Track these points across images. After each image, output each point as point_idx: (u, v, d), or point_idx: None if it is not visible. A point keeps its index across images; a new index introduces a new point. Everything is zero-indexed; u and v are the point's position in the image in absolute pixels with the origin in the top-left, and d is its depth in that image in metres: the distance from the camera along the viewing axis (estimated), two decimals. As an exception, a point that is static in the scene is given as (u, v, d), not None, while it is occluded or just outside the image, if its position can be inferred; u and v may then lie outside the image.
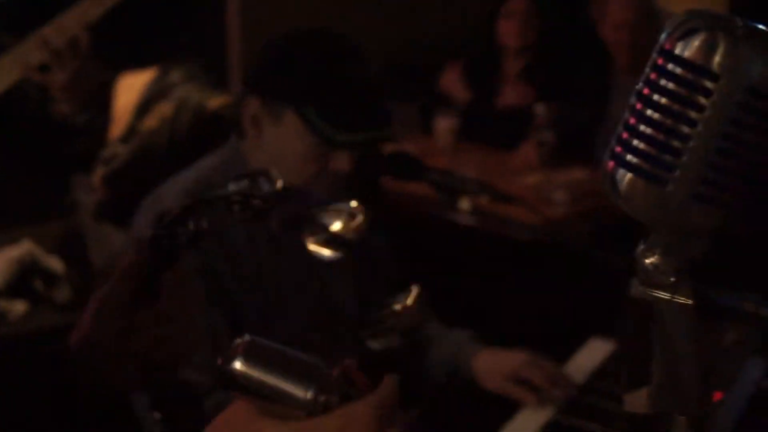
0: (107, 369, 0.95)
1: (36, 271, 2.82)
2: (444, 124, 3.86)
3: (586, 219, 3.21)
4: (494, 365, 2.10)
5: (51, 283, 2.82)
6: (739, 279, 0.89)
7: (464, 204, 1.94)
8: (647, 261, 0.83)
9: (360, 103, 1.88)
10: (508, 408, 2.03)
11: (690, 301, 0.82)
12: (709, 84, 0.75)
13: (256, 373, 0.75)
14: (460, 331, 2.21)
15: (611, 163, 0.79)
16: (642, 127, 0.77)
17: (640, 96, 0.78)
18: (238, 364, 0.75)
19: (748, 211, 0.77)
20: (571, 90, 3.89)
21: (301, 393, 0.75)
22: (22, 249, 2.81)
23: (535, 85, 4.04)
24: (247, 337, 0.77)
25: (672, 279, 0.82)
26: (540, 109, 3.60)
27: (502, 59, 4.19)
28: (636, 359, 0.86)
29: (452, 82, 4.20)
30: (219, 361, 0.75)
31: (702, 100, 0.75)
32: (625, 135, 0.78)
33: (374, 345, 1.65)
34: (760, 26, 0.76)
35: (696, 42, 0.75)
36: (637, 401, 0.86)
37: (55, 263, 2.88)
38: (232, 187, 0.99)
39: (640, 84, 0.78)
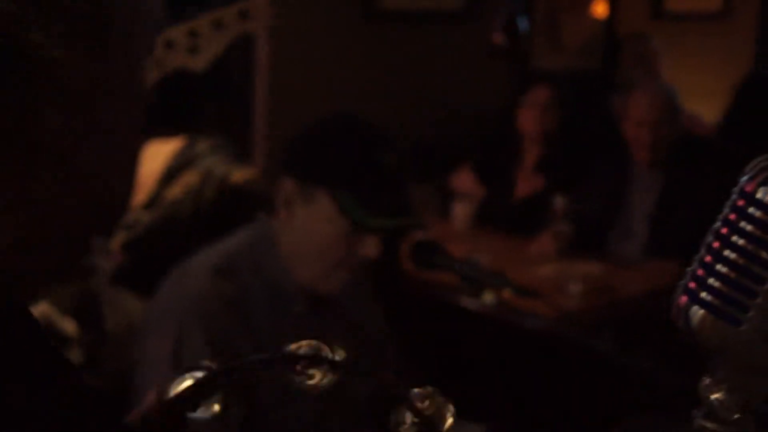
0: None
1: (50, 333, 2.80)
2: (461, 209, 3.88)
3: (599, 314, 3.21)
4: None
5: (63, 346, 2.80)
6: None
7: (488, 297, 1.94)
8: (712, 396, 0.83)
9: (392, 189, 1.90)
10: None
11: (753, 439, 0.82)
12: (788, 230, 0.76)
13: None
14: (473, 425, 2.19)
15: (684, 298, 0.80)
16: (718, 266, 0.78)
17: (719, 235, 0.79)
18: None
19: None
20: (589, 182, 3.92)
21: None
22: (37, 311, 2.80)
23: (552, 175, 4.07)
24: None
25: (736, 416, 0.82)
26: (557, 200, 3.62)
27: (521, 147, 4.24)
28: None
29: (464, 181, 4.23)
30: None
31: (782, 245, 0.76)
32: (700, 272, 0.79)
33: None
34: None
35: (778, 188, 0.77)
36: None
37: (68, 326, 2.86)
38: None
39: (719, 223, 0.79)
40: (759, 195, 0.77)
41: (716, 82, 4.80)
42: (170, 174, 2.83)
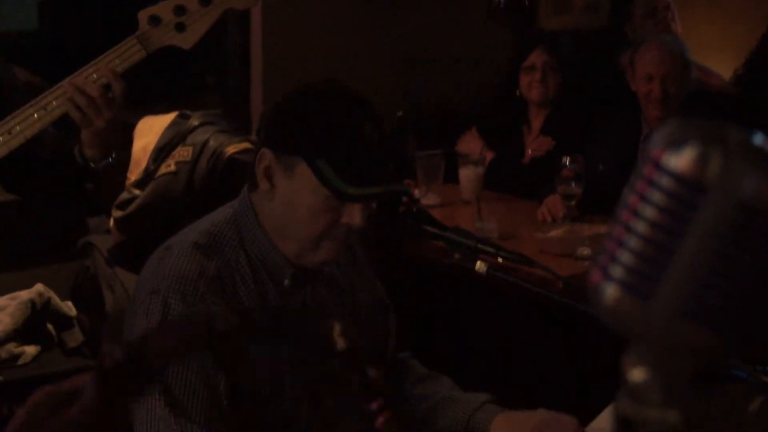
0: None
1: (48, 314, 2.80)
2: (469, 174, 3.83)
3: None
4: (512, 426, 2.06)
5: (62, 326, 2.80)
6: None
7: (480, 266, 1.90)
8: (633, 375, 0.78)
9: (371, 157, 1.86)
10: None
11: (680, 424, 0.77)
12: (698, 198, 0.70)
13: None
14: (476, 394, 2.16)
15: (597, 276, 0.75)
16: (628, 240, 0.73)
17: (627, 207, 0.73)
18: None
19: (742, 333, 0.72)
20: (598, 141, 3.85)
21: None
22: (34, 292, 2.80)
23: (561, 137, 4.01)
24: None
25: (659, 396, 0.77)
26: (566, 162, 3.55)
27: (527, 110, 4.18)
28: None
29: (471, 145, 4.18)
30: None
31: (690, 214, 0.71)
32: (611, 246, 0.74)
33: None
34: (755, 139, 0.71)
35: (687, 153, 0.71)
36: None
37: (67, 307, 2.87)
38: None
39: (627, 194, 0.74)
40: (667, 162, 0.71)
41: (729, 36, 4.69)
42: (164, 149, 2.81)
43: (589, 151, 3.69)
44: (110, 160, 2.19)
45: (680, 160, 0.71)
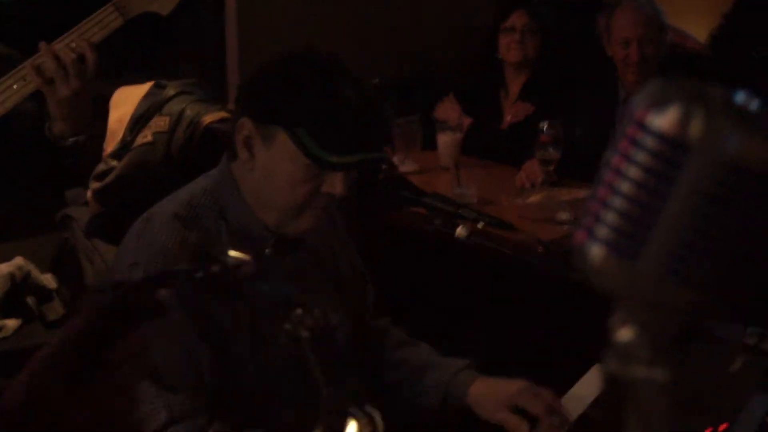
0: None
1: (28, 287, 2.79)
2: (446, 140, 3.82)
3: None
4: (490, 393, 2.07)
5: (43, 299, 2.79)
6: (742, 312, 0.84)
7: (461, 231, 1.91)
8: (620, 335, 0.79)
9: (351, 124, 1.85)
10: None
11: (667, 380, 0.78)
12: (682, 157, 0.71)
13: None
14: (455, 360, 2.18)
15: (582, 236, 0.75)
16: (612, 200, 0.73)
17: (611, 167, 0.74)
18: None
19: (726, 292, 0.73)
20: (576, 106, 3.85)
21: None
22: (14, 265, 2.78)
23: (539, 102, 4.01)
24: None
25: (646, 354, 0.78)
26: (544, 127, 3.55)
27: (505, 75, 4.17)
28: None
29: (448, 111, 4.17)
30: None
31: (674, 174, 0.71)
32: (595, 207, 0.74)
33: None
34: (737, 97, 0.71)
35: (670, 113, 0.71)
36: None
37: (47, 279, 2.85)
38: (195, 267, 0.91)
39: (611, 154, 0.74)
40: (650, 121, 0.72)
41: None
42: (140, 119, 2.79)
43: (566, 116, 3.70)
44: (81, 138, 2.18)
45: (664, 120, 0.71)
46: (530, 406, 2.00)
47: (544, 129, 3.55)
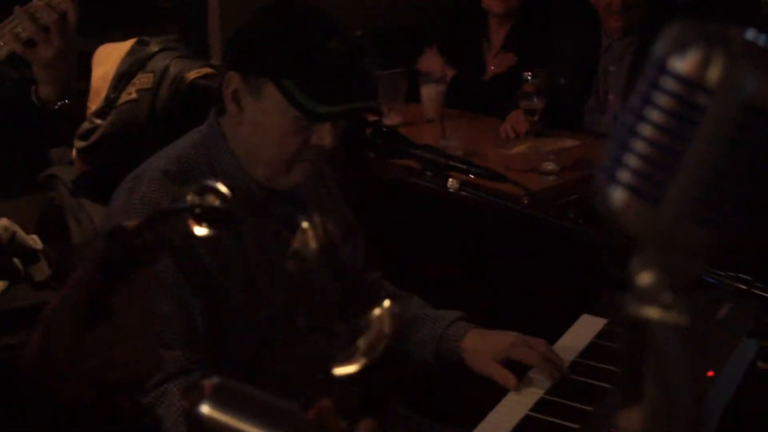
0: (59, 388, 0.88)
1: (14, 248, 2.77)
2: (431, 92, 3.81)
3: (574, 190, 3.18)
4: (483, 346, 2.08)
5: (29, 260, 2.78)
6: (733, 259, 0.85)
7: (452, 183, 1.91)
8: (641, 278, 0.79)
9: (339, 75, 1.85)
10: (500, 388, 2.01)
11: (685, 321, 0.79)
12: (703, 100, 0.71)
13: (225, 418, 0.71)
14: (447, 312, 2.19)
15: (603, 179, 0.75)
16: (634, 144, 0.73)
17: (633, 111, 0.73)
18: (206, 408, 0.70)
19: (744, 231, 0.74)
20: (559, 56, 3.84)
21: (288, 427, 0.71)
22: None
23: (522, 52, 4.00)
24: (215, 379, 0.72)
25: (667, 297, 0.78)
26: (528, 76, 3.55)
27: (488, 25, 4.15)
28: (630, 377, 0.83)
29: (431, 63, 4.15)
30: (184, 403, 0.71)
31: (696, 117, 0.71)
32: (617, 151, 0.74)
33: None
34: (758, 40, 0.71)
35: (691, 56, 0.71)
36: (630, 420, 0.83)
37: (33, 240, 2.83)
38: (190, 198, 0.91)
39: (633, 98, 0.74)
40: (671, 65, 0.71)
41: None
42: (123, 77, 2.77)
43: (551, 65, 3.69)
44: (67, 101, 2.15)
45: (685, 63, 0.71)
46: (525, 359, 2.02)
47: (528, 79, 3.55)
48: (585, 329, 2.21)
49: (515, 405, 1.91)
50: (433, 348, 2.14)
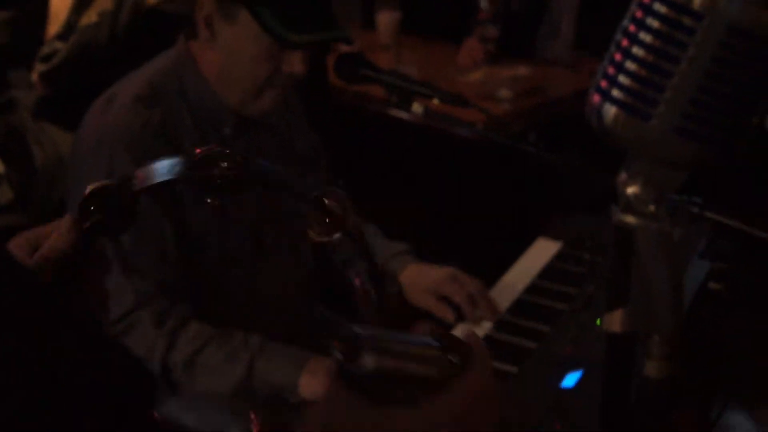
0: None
1: (-23, 174, 2.76)
2: (386, 18, 3.81)
3: (529, 116, 3.24)
4: (418, 279, 2.11)
5: (-7, 185, 2.77)
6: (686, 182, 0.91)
7: (417, 107, 1.93)
8: (628, 190, 0.85)
9: (313, 3, 1.86)
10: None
11: (668, 229, 0.85)
12: (692, 23, 0.77)
13: (392, 363, 0.74)
14: (396, 243, 2.22)
15: (597, 98, 0.81)
16: (627, 64, 0.79)
17: (626, 33, 0.79)
18: (370, 360, 0.73)
19: (727, 145, 0.80)
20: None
21: (435, 359, 0.76)
22: (-39, 152, 2.75)
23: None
24: (367, 330, 0.74)
25: (651, 207, 0.85)
26: (483, 3, 3.57)
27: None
28: (615, 281, 0.89)
29: None
30: (340, 363, 0.73)
31: (685, 39, 0.77)
32: (611, 70, 0.80)
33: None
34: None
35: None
36: (613, 321, 0.90)
37: (-6, 164, 2.83)
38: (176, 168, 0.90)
39: (626, 21, 0.80)
40: (662, -11, 0.77)
41: None
42: (83, 0, 2.74)
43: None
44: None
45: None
46: (451, 295, 2.03)
47: (483, 5, 3.57)
48: (541, 252, 2.25)
49: (473, 328, 1.92)
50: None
